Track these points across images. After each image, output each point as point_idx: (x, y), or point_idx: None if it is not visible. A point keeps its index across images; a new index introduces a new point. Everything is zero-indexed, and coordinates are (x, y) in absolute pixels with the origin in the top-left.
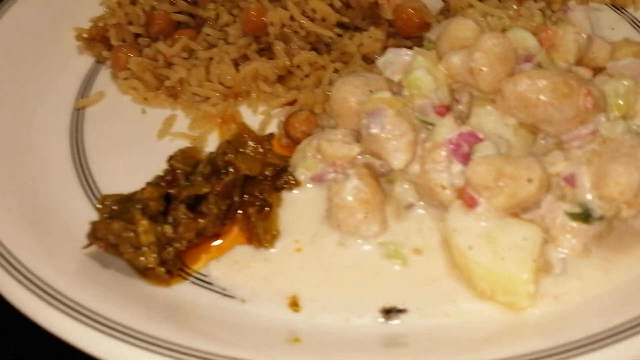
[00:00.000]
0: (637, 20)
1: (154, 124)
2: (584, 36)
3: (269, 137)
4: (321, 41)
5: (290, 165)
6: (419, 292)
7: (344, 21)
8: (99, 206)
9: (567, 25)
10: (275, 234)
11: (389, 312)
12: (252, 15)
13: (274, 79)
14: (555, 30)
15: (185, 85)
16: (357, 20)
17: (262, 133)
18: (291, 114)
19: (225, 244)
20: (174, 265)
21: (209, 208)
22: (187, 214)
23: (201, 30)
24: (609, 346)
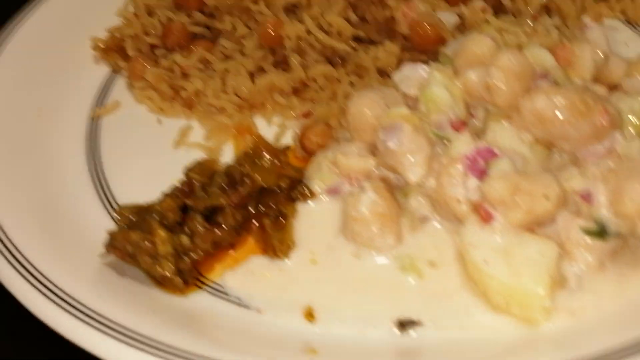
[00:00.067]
0: None
1: (169, 133)
2: (601, 54)
3: (285, 149)
4: (336, 54)
5: (305, 177)
6: (434, 305)
7: (359, 35)
8: (117, 217)
9: (584, 43)
10: (291, 245)
11: (404, 324)
12: (268, 28)
13: (289, 91)
14: (572, 47)
15: (201, 96)
16: (372, 34)
17: (277, 144)
18: (307, 126)
19: (241, 254)
20: (190, 275)
21: (225, 219)
22: (203, 224)
23: (217, 42)
24: None
